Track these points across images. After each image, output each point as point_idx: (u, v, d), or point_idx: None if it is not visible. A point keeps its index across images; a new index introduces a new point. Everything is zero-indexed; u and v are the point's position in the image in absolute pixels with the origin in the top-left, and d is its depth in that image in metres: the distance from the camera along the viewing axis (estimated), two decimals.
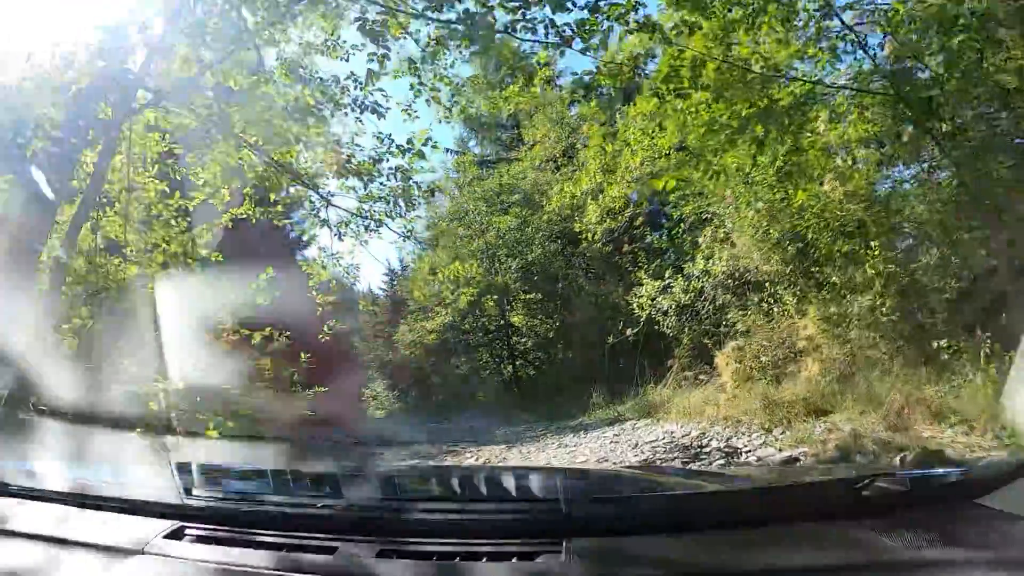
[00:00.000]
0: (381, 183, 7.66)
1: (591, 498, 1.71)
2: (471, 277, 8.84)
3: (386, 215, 7.90)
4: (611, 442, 8.26)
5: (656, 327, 11.66)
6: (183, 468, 1.77)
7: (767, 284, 8.99)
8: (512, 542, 1.27)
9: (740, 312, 9.62)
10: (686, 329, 11.38)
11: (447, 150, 25.37)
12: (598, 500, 1.64)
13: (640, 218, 14.98)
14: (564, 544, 1.22)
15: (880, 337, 7.14)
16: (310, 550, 1.31)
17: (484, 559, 1.24)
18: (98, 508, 1.59)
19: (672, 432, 8.04)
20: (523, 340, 20.50)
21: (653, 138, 13.56)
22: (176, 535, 1.42)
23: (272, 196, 8.35)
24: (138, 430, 5.16)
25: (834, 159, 8.21)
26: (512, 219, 19.09)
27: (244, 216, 8.60)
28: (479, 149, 26.79)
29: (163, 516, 1.50)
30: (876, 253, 7.31)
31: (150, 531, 1.43)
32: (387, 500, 1.79)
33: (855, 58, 7.19)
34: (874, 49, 7.30)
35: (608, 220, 14.25)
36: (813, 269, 8.64)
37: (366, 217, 7.87)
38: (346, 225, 7.89)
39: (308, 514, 1.52)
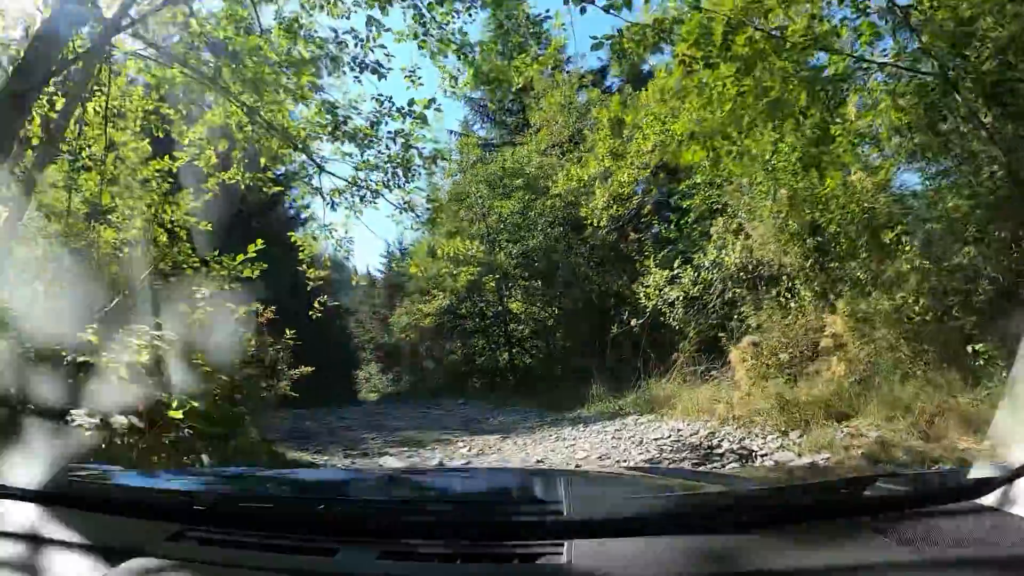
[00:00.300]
0: (379, 151, 7.11)
1: (593, 499, 1.72)
2: (472, 255, 8.31)
3: (383, 185, 7.36)
4: (613, 438, 7.77)
5: (662, 319, 11.13)
6: (184, 468, 1.82)
7: (784, 278, 8.46)
8: (514, 543, 1.25)
9: (753, 307, 9.11)
10: (692, 322, 10.88)
11: (450, 132, 24.96)
12: (600, 501, 1.65)
13: (648, 207, 14.47)
14: (566, 545, 1.20)
15: (907, 338, 6.64)
16: (311, 551, 1.29)
17: (485, 560, 1.23)
18: (98, 510, 1.54)
19: (679, 430, 7.55)
20: (520, 327, 20.09)
21: (665, 123, 13.11)
22: (177, 537, 1.38)
23: (263, 161, 7.82)
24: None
25: (861, 148, 7.71)
26: (515, 203, 18.57)
27: (233, 181, 8.09)
28: (484, 132, 26.32)
29: (164, 518, 1.46)
30: (908, 249, 6.81)
31: (151, 532, 1.39)
32: (389, 501, 1.78)
33: (895, 38, 6.68)
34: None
35: (616, 206, 13.79)
36: (832, 264, 8.15)
37: (361, 187, 7.33)
38: (340, 194, 7.34)
39: (309, 515, 1.47)
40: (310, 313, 8.64)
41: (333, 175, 7.53)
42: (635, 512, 1.42)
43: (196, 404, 4.19)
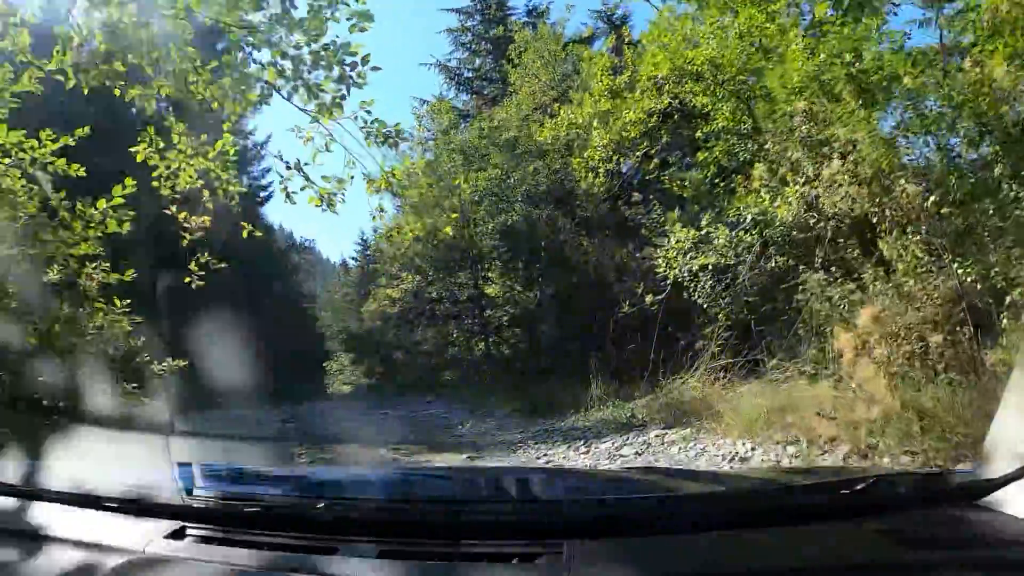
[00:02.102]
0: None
1: (592, 499, 1.71)
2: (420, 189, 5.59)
3: (281, 76, 4.59)
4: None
5: (685, 295, 8.36)
6: (184, 467, 1.66)
7: (881, 230, 5.75)
8: (513, 543, 1.21)
9: (825, 275, 6.43)
10: (722, 300, 8.17)
11: (422, 100, 22.11)
12: (599, 501, 1.65)
13: (655, 161, 11.79)
14: (565, 545, 1.16)
15: None
16: (311, 550, 1.27)
17: (485, 560, 1.21)
18: (98, 508, 1.52)
19: (741, 457, 4.92)
20: (498, 314, 17.53)
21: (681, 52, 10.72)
22: (177, 535, 1.37)
23: (101, 42, 5.01)
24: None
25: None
26: (493, 170, 15.83)
27: (72, 82, 5.23)
28: (461, 105, 23.49)
29: (164, 516, 1.45)
30: None
31: (151, 531, 1.39)
32: (388, 500, 1.73)
33: None
34: None
35: (617, 157, 11.25)
36: (948, 211, 5.52)
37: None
38: (200, 72, 4.53)
39: (309, 514, 1.42)
40: (187, 281, 5.89)
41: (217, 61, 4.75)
42: (634, 512, 1.40)
43: None
